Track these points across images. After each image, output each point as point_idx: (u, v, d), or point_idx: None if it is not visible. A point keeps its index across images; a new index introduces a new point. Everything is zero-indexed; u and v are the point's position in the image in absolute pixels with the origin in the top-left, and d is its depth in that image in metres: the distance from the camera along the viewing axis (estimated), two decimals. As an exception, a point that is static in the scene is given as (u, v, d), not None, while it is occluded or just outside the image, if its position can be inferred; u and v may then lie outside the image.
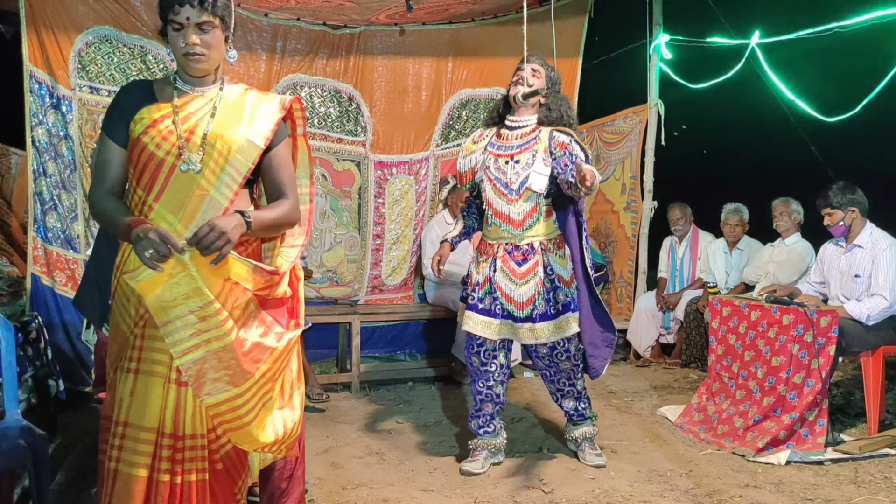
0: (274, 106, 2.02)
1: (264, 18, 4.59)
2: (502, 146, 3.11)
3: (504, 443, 3.27)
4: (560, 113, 3.09)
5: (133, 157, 1.91)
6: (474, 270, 3.20)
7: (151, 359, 1.85)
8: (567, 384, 3.23)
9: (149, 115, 1.91)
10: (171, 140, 1.88)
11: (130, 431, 1.83)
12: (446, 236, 3.35)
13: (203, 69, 1.95)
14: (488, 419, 3.23)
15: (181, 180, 1.87)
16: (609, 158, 6.14)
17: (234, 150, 1.91)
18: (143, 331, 1.86)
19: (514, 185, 3.04)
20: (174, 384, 1.86)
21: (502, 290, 3.08)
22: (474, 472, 3.09)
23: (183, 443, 1.86)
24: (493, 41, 4.98)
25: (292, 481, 2.36)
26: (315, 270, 4.93)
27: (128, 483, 1.81)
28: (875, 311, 3.50)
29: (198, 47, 1.90)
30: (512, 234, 3.08)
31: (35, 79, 4.00)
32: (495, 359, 3.18)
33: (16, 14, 4.01)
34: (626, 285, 5.98)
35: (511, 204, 3.06)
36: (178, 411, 1.86)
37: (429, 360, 5.26)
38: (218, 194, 1.89)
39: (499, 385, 3.20)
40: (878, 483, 2.99)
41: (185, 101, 1.95)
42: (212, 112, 1.95)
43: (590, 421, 3.31)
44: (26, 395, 2.90)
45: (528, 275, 3.05)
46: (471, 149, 3.23)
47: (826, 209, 3.77)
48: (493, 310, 3.11)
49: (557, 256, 3.09)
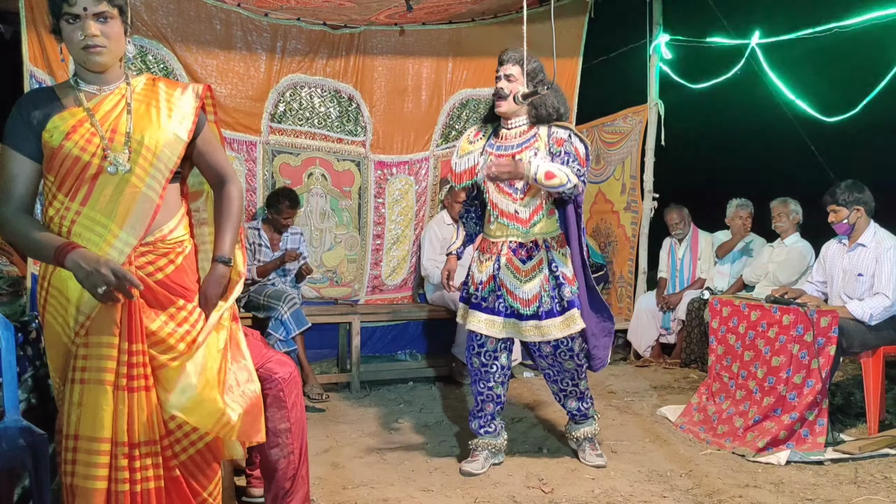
0: (189, 95, 1.99)
1: (264, 18, 4.60)
2: (503, 146, 3.09)
3: (504, 443, 3.27)
4: (547, 110, 3.03)
5: (54, 165, 1.82)
6: (476, 269, 3.18)
7: (98, 367, 1.79)
8: (570, 384, 3.22)
9: (63, 122, 1.83)
10: (95, 142, 1.82)
11: (83, 444, 1.78)
12: (450, 248, 3.36)
13: (104, 63, 1.85)
14: (489, 419, 3.23)
15: (109, 181, 1.82)
16: (609, 158, 6.14)
17: (160, 144, 1.88)
18: (87, 339, 1.80)
19: (518, 184, 3.04)
20: (124, 391, 1.80)
21: (507, 287, 3.07)
22: (474, 473, 3.09)
23: (139, 450, 1.81)
24: (493, 41, 4.98)
25: (296, 481, 2.37)
26: (315, 270, 4.94)
27: (87, 498, 1.77)
28: (877, 310, 3.50)
29: (98, 38, 1.80)
30: (520, 231, 3.07)
31: (35, 79, 4.00)
32: (496, 360, 3.17)
33: (16, 14, 4.01)
34: (626, 285, 5.98)
35: (517, 202, 3.06)
36: (130, 419, 1.81)
37: (429, 360, 5.26)
38: (150, 191, 1.85)
39: (499, 386, 3.20)
40: (878, 483, 2.99)
41: (96, 101, 1.88)
42: (127, 108, 1.89)
43: (592, 420, 3.31)
44: (26, 395, 2.90)
45: (532, 271, 3.05)
46: (467, 148, 3.20)
47: (832, 206, 3.76)
48: (496, 308, 3.10)
49: (560, 254, 3.09)
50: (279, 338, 4.11)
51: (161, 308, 1.88)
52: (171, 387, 1.84)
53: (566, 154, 2.97)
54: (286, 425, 2.34)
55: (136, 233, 1.83)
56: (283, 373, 2.35)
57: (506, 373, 3.22)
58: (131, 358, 1.82)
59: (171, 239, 1.92)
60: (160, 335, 1.86)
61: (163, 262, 1.89)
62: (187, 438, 1.89)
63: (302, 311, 4.25)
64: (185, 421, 1.86)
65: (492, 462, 3.20)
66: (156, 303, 1.87)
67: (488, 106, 3.22)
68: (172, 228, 1.93)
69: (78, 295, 1.80)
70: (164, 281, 1.89)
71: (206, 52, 4.48)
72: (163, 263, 1.89)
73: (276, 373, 2.33)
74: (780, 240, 4.90)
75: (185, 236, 1.98)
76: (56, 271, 1.82)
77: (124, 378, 1.80)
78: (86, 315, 1.80)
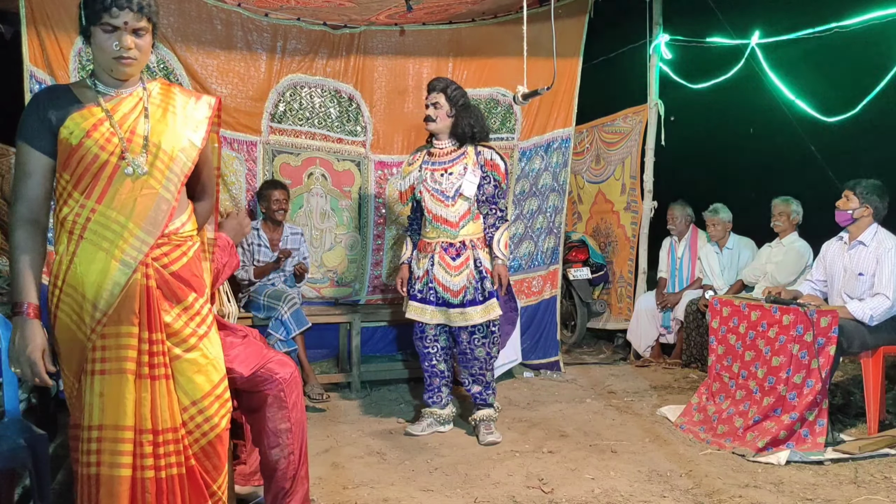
0: (203, 106, 2.06)
1: (264, 18, 4.59)
2: (436, 162, 3.72)
3: (452, 414, 3.81)
4: (464, 129, 3.63)
5: (71, 163, 1.86)
6: (415, 266, 3.77)
7: (118, 356, 1.84)
8: (479, 371, 3.70)
9: (83, 120, 1.87)
10: (114, 142, 1.87)
11: (107, 433, 1.81)
12: (402, 259, 3.89)
13: (132, 73, 1.94)
14: (436, 391, 3.78)
15: (125, 181, 1.87)
16: (609, 158, 6.14)
17: (177, 150, 1.95)
18: (104, 329, 1.84)
19: (449, 193, 3.64)
20: (147, 379, 1.85)
21: (439, 280, 3.64)
22: (414, 434, 3.67)
23: (162, 437, 1.86)
24: (493, 41, 4.97)
25: (296, 481, 2.37)
26: (315, 270, 4.93)
27: (112, 485, 1.80)
28: (878, 311, 3.50)
29: (132, 52, 1.87)
30: (449, 233, 3.65)
31: (35, 79, 3.99)
32: (436, 341, 3.76)
33: (16, 14, 4.01)
34: (626, 285, 5.98)
35: (448, 208, 3.64)
36: (154, 406, 1.85)
37: (429, 360, 5.25)
38: (166, 193, 1.92)
39: (442, 363, 3.78)
40: (878, 483, 2.99)
41: (114, 103, 1.93)
42: (144, 112, 1.95)
43: (491, 407, 3.73)
44: (26, 395, 2.91)
45: (461, 267, 3.63)
46: (408, 170, 3.82)
47: (849, 192, 3.71)
48: (428, 297, 3.68)
49: (484, 252, 3.68)
50: (279, 338, 4.12)
51: (176, 301, 1.94)
52: (183, 379, 1.92)
53: (494, 180, 3.65)
54: (286, 425, 2.34)
55: (154, 233, 1.90)
56: (283, 373, 2.35)
57: (447, 352, 3.79)
58: (152, 347, 1.87)
59: (182, 232, 1.99)
60: (174, 327, 1.92)
61: (177, 253, 1.96)
62: (199, 430, 1.95)
63: (302, 311, 4.25)
64: (196, 412, 1.93)
65: (436, 429, 3.74)
66: (171, 295, 1.93)
67: (488, 106, 3.41)
68: (184, 222, 2.01)
69: (95, 291, 1.84)
70: (178, 273, 1.95)
71: (207, 52, 4.47)
72: (177, 255, 1.96)
73: (276, 373, 2.33)
74: (777, 239, 4.90)
75: (193, 231, 2.06)
76: (70, 270, 1.85)
77: (146, 367, 1.86)
78: (103, 312, 1.84)
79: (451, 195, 3.63)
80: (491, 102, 4.97)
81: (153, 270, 1.89)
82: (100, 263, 1.84)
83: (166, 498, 1.86)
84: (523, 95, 3.06)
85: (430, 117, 3.67)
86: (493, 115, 4.95)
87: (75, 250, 1.85)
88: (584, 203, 6.60)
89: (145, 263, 1.88)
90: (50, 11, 3.95)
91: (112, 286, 1.83)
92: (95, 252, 1.84)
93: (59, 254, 1.88)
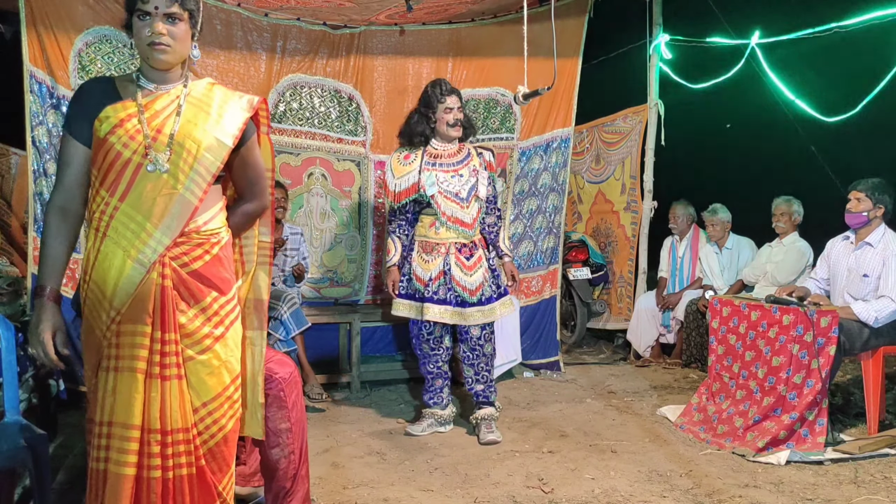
0: (242, 105, 2.04)
1: (264, 18, 4.59)
2: (443, 164, 3.70)
3: (452, 415, 3.81)
4: (468, 130, 3.75)
5: (98, 158, 1.88)
6: (420, 268, 3.69)
7: (130, 355, 1.84)
8: (483, 369, 3.72)
9: (114, 113, 1.89)
10: (139, 139, 1.87)
11: (116, 430, 1.82)
12: (391, 262, 3.81)
13: (167, 61, 1.92)
14: (438, 392, 3.78)
15: (148, 180, 1.87)
16: (609, 158, 6.14)
17: (202, 149, 1.92)
18: (119, 327, 1.84)
19: (463, 194, 3.66)
20: (157, 379, 1.85)
21: (457, 280, 3.63)
22: (414, 434, 3.67)
23: (172, 437, 1.85)
24: (493, 41, 4.97)
25: (296, 481, 2.37)
26: (315, 270, 4.93)
27: (117, 483, 1.80)
28: (883, 313, 3.48)
29: (164, 37, 1.88)
30: (465, 234, 3.67)
31: (35, 79, 3.99)
32: (441, 342, 3.75)
33: (16, 14, 4.00)
34: (626, 285, 5.98)
35: (463, 210, 3.67)
36: (163, 406, 1.85)
37: (429, 359, 5.25)
38: (188, 193, 1.90)
39: (445, 364, 3.79)
40: (878, 483, 2.99)
41: (149, 99, 1.93)
42: (177, 110, 1.94)
43: (492, 406, 3.73)
44: (26, 395, 2.90)
45: (475, 266, 3.68)
46: (404, 170, 3.72)
47: (859, 194, 3.65)
48: (448, 299, 3.65)
49: (487, 250, 3.76)
50: (279, 338, 4.11)
51: (194, 301, 1.92)
52: (195, 380, 1.91)
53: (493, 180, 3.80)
54: (286, 425, 2.34)
55: (171, 233, 1.88)
56: (283, 373, 2.35)
57: (449, 353, 3.79)
58: (164, 347, 1.86)
59: (205, 230, 1.95)
60: (189, 328, 1.91)
61: (198, 252, 1.93)
62: (208, 431, 1.94)
63: (302, 311, 4.25)
64: (206, 414, 1.92)
65: (437, 430, 3.73)
66: (189, 295, 1.91)
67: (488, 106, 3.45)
68: (207, 220, 1.97)
69: (112, 289, 1.84)
70: (197, 272, 1.92)
71: (207, 51, 4.46)
72: (198, 254, 1.93)
73: (276, 373, 2.33)
74: (778, 239, 4.90)
75: (220, 228, 2.01)
76: (97, 264, 1.87)
77: (157, 367, 1.85)
78: (117, 310, 1.84)
79: (466, 196, 3.67)
80: (490, 102, 4.97)
81: (170, 270, 1.88)
82: (118, 261, 1.85)
83: (174, 498, 1.86)
84: (524, 95, 3.06)
85: (459, 122, 3.68)
86: (492, 115, 4.95)
87: (100, 247, 1.87)
88: (584, 203, 6.60)
89: (162, 263, 1.87)
90: (50, 11, 3.95)
91: (127, 285, 1.84)
92: (116, 250, 1.85)
93: (87, 249, 1.90)
